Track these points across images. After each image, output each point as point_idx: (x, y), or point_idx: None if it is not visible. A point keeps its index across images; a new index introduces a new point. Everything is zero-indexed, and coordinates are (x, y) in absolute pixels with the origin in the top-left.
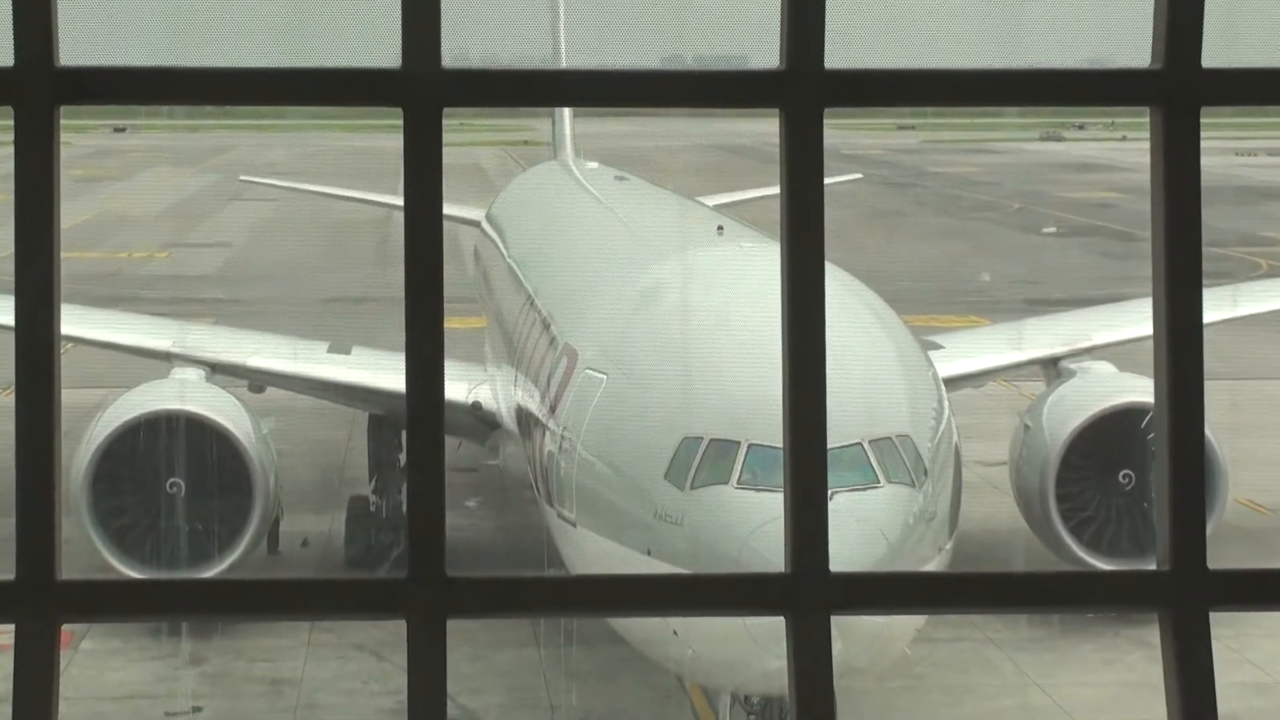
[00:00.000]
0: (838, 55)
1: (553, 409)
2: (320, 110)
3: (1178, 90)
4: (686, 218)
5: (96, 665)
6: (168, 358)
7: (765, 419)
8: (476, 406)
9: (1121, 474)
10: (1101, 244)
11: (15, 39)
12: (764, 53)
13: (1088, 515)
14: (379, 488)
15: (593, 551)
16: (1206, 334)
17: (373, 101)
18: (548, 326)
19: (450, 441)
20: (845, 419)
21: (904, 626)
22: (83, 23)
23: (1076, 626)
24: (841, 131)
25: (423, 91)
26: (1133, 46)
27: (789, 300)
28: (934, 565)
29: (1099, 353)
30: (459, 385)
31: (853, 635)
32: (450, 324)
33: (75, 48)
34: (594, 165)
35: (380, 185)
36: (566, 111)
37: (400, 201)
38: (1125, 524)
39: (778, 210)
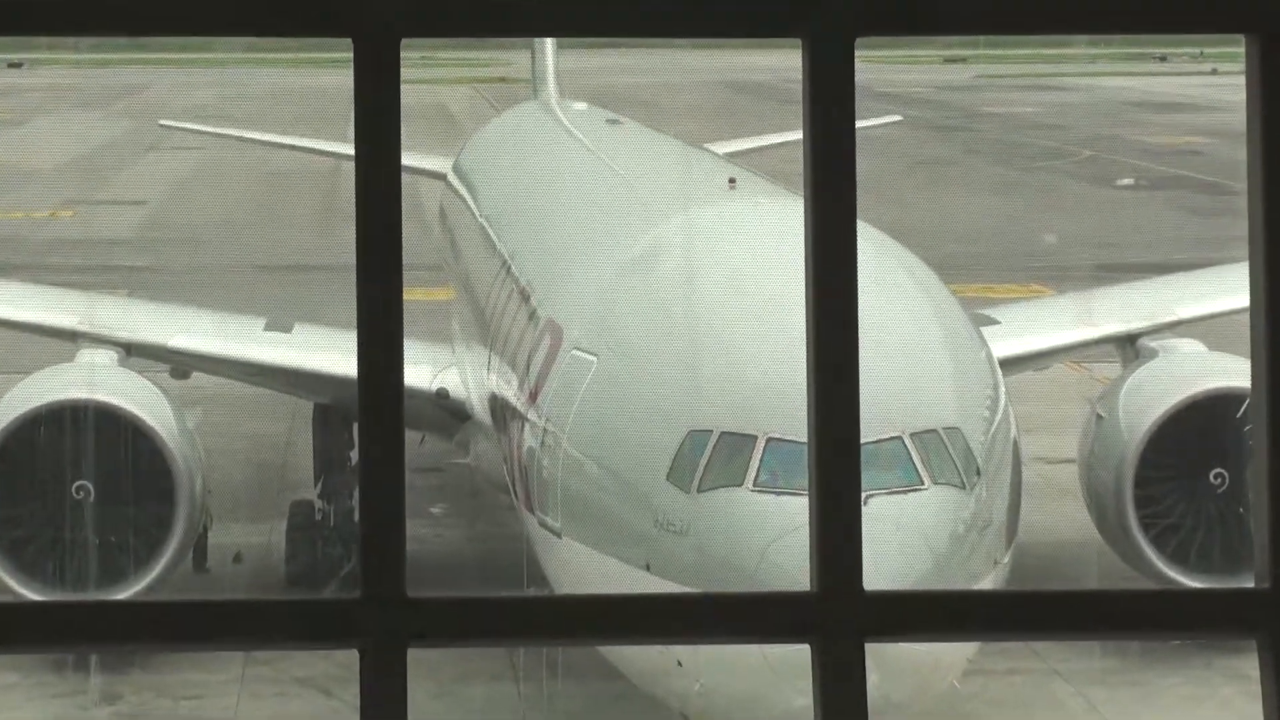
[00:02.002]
0: None
1: (533, 397)
2: (254, 42)
3: None
4: (692, 168)
5: None
6: (73, 337)
7: (786, 408)
8: (442, 394)
9: (1213, 474)
10: (1188, 198)
11: None
12: None
13: (1172, 523)
14: (326, 491)
15: (581, 567)
16: None
17: (317, 31)
18: (527, 298)
19: (411, 436)
20: (882, 408)
21: (952, 656)
22: None
23: (1160, 655)
24: (876, 65)
25: (375, 18)
26: None
27: (814, 266)
28: (988, 582)
29: (1185, 329)
30: (422, 369)
31: (890, 666)
32: (411, 296)
33: None
34: (582, 106)
35: (326, 131)
36: (549, 43)
37: (350, 150)
38: (1217, 533)
39: (800, 159)
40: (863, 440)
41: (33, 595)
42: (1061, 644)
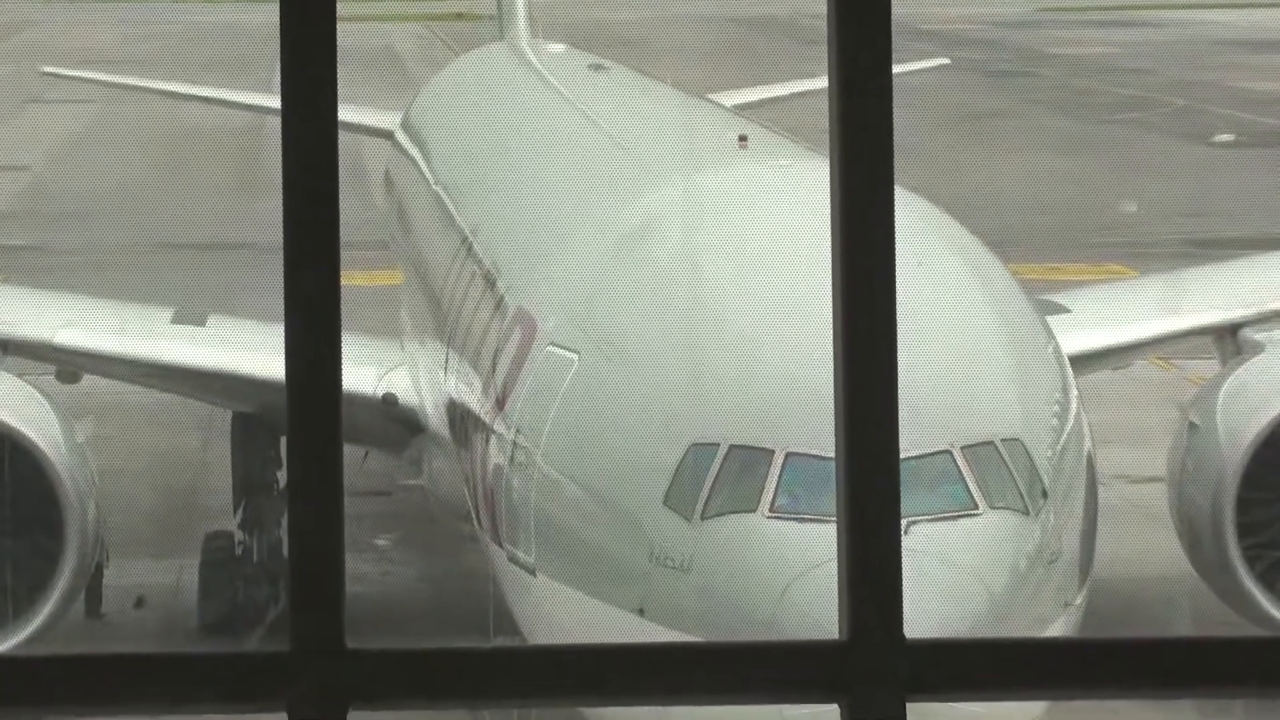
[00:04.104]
0: None
1: (500, 403)
2: None
3: None
4: (693, 124)
5: None
6: None
7: (809, 416)
8: (390, 400)
9: None
10: None
11: None
12: None
13: None
14: (248, 520)
15: (560, 611)
16: None
17: None
18: (493, 283)
19: (352, 452)
20: (927, 415)
21: (1014, 718)
22: None
23: (1269, 716)
24: None
25: None
26: None
27: (843, 243)
28: (1057, 629)
29: None
30: (364, 370)
31: None
32: (351, 280)
33: None
34: (559, 49)
35: (246, 79)
36: None
37: (276, 103)
38: None
39: (825, 112)
40: (903, 455)
41: None
42: (1146, 703)
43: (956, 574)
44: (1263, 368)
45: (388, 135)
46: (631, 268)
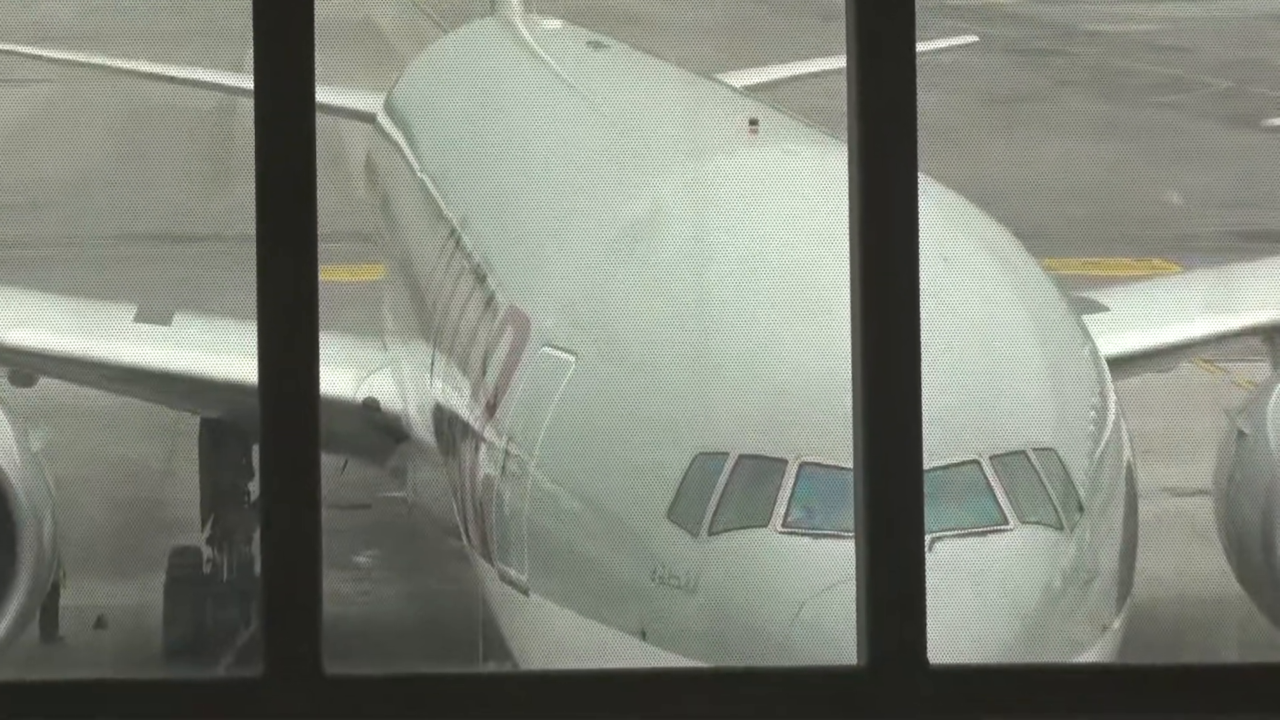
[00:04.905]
0: None
1: (491, 409)
2: None
3: None
4: (701, 106)
5: None
6: None
7: (826, 423)
8: (371, 406)
9: None
10: None
11: None
12: None
13: None
14: (217, 534)
15: (555, 633)
16: None
17: None
18: (483, 279)
19: (330, 461)
20: (953, 422)
21: None
22: None
23: None
24: None
25: None
26: None
27: (863, 236)
28: (1094, 654)
29: None
30: (344, 372)
31: None
32: (329, 275)
33: None
34: (555, 25)
35: (217, 57)
36: None
37: (249, 83)
38: None
39: (843, 94)
40: (927, 465)
41: None
42: None
43: (985, 594)
44: None
45: (369, 118)
46: (633, 263)
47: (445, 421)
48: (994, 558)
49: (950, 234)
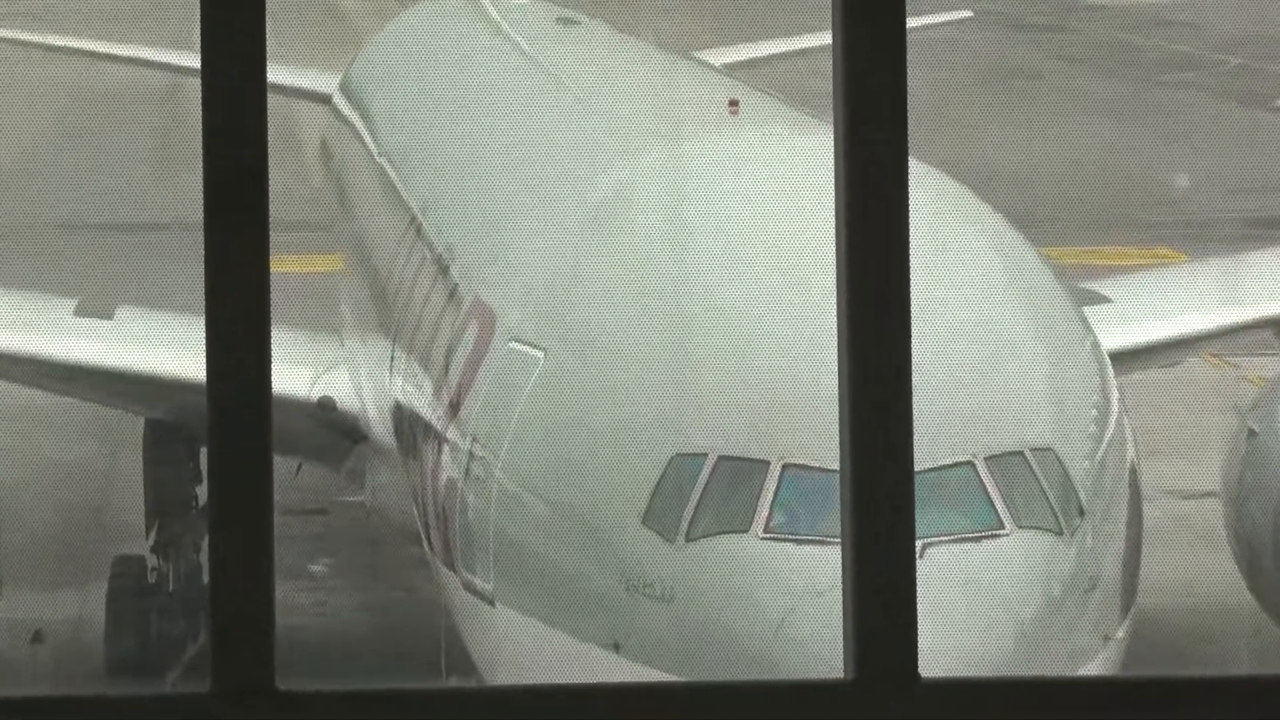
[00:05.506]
0: None
1: (454, 408)
2: None
3: None
4: (677, 85)
5: None
6: None
7: (810, 423)
8: (327, 405)
9: None
10: None
11: None
12: None
13: None
14: (163, 542)
15: (523, 646)
16: None
17: None
18: (446, 269)
19: (283, 464)
20: (945, 421)
21: None
22: None
23: None
24: None
25: None
26: None
27: (850, 223)
28: (1098, 665)
29: None
30: (298, 370)
31: None
32: (282, 266)
33: None
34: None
35: (162, 35)
36: None
37: (196, 62)
38: None
39: (828, 72)
40: (917, 467)
41: None
42: None
43: (979, 604)
44: None
45: (325, 100)
46: (605, 253)
47: (406, 421)
48: (989, 564)
49: (943, 221)
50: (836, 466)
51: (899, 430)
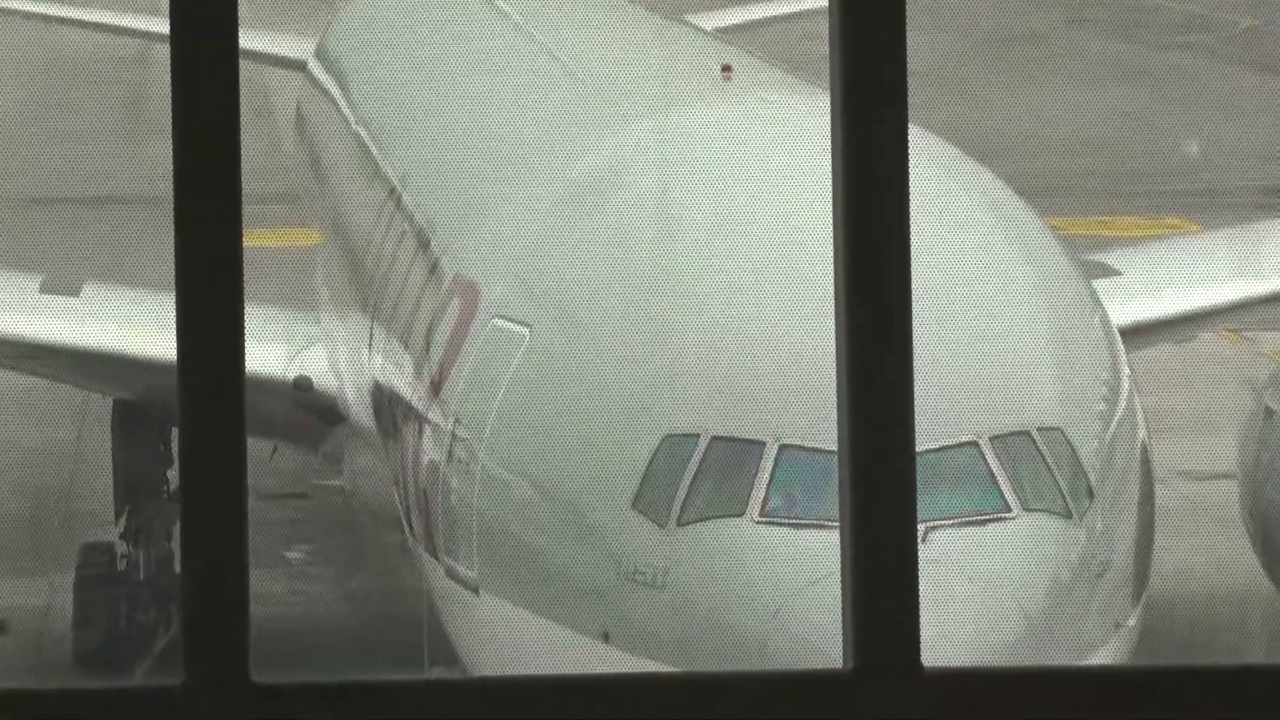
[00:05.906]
0: None
1: (436, 388)
2: None
3: None
4: (668, 51)
5: None
6: None
7: (807, 402)
8: (303, 385)
9: None
10: None
11: None
12: None
13: None
14: (133, 528)
15: (508, 635)
16: None
17: None
18: (426, 243)
19: (258, 447)
20: (948, 399)
21: None
22: None
23: None
24: None
25: None
26: None
27: (848, 193)
28: (1109, 653)
29: None
30: (272, 348)
31: None
32: (255, 240)
33: None
34: None
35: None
36: None
37: (165, 28)
38: None
39: (825, 36)
40: (919, 447)
41: None
42: None
43: (984, 590)
44: None
45: (300, 66)
46: (593, 225)
47: (385, 402)
48: (995, 549)
49: (946, 190)
50: (835, 447)
51: (899, 409)
